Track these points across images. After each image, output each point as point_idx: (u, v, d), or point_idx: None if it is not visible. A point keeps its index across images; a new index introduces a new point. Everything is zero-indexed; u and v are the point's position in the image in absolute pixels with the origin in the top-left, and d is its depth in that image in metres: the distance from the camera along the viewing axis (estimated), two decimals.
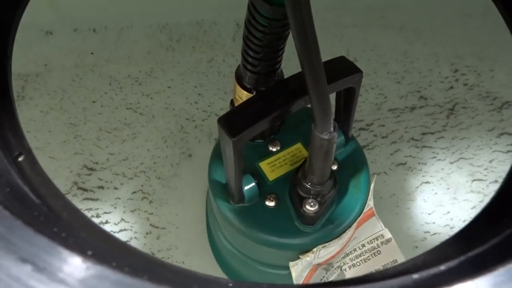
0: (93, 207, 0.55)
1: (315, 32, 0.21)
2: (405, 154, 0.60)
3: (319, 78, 0.23)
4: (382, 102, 0.64)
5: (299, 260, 0.36)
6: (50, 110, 0.62)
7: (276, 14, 0.26)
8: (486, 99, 0.64)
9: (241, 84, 0.34)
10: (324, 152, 0.29)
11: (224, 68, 0.67)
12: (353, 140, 0.39)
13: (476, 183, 0.58)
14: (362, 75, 0.31)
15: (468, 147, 0.61)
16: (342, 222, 0.35)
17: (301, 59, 0.22)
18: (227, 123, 0.29)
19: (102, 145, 0.60)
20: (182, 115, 0.62)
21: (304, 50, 0.22)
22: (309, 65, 0.22)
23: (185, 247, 0.53)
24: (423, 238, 0.55)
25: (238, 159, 0.30)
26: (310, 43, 0.21)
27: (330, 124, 0.27)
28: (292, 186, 0.35)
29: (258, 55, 0.30)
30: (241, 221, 0.35)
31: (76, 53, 0.67)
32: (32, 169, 0.18)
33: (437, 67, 0.67)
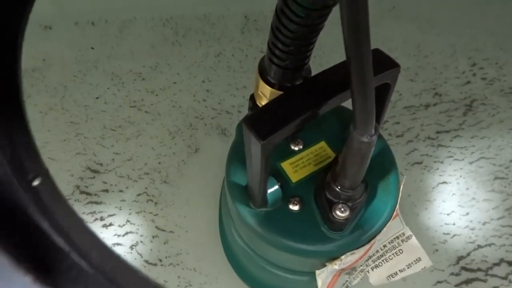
0: (97, 210, 0.53)
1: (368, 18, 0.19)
2: (421, 153, 0.58)
3: (368, 76, 0.21)
4: (396, 99, 0.61)
5: (325, 268, 0.33)
6: (49, 110, 0.59)
7: (316, 3, 0.23)
8: (510, 95, 0.62)
9: (265, 79, 0.31)
10: (361, 156, 0.26)
11: (234, 63, 0.64)
12: (381, 139, 0.36)
13: (498, 181, 0.56)
14: (399, 69, 0.28)
15: (489, 146, 0.58)
16: (372, 227, 0.33)
17: (350, 53, 0.20)
18: (254, 125, 0.26)
19: (106, 144, 0.57)
20: (190, 113, 0.59)
21: (355, 44, 0.19)
22: (358, 61, 0.20)
23: (196, 253, 0.50)
24: (444, 240, 0.52)
25: (265, 163, 0.27)
26: (363, 36, 0.19)
27: (372, 126, 0.24)
28: (319, 190, 0.32)
29: (287, 48, 0.27)
30: (264, 227, 0.33)
31: (77, 48, 0.64)
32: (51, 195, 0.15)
33: (454, 61, 0.65)
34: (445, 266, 0.50)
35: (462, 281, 0.49)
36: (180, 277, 0.49)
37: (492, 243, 0.52)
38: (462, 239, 0.52)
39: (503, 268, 0.50)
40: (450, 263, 0.50)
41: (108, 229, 0.51)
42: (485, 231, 0.53)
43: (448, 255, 0.51)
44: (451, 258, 0.51)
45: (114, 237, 0.51)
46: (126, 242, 0.51)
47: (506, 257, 0.51)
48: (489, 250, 0.51)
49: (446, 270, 0.50)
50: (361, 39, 0.20)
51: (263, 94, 0.32)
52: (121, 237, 0.51)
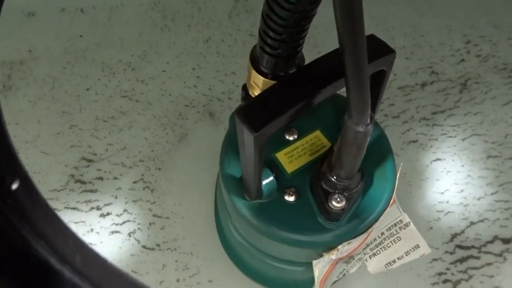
0: (92, 199, 0.52)
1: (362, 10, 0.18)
2: (416, 132, 0.58)
3: (362, 64, 0.20)
4: (391, 80, 0.61)
5: (322, 258, 0.33)
6: (38, 100, 0.58)
7: None
8: (503, 72, 0.61)
9: (257, 68, 0.30)
10: (357, 145, 0.26)
11: (223, 48, 0.63)
12: (377, 126, 0.36)
13: (491, 159, 0.56)
14: (395, 55, 0.28)
15: (481, 122, 0.58)
16: (369, 216, 0.33)
17: (343, 41, 0.19)
18: (247, 117, 0.25)
19: (100, 135, 0.56)
20: (180, 101, 0.59)
21: (348, 30, 0.19)
22: (353, 51, 0.19)
23: (192, 238, 0.51)
24: (437, 218, 0.53)
25: (259, 155, 0.27)
26: (357, 22, 0.18)
27: (367, 115, 0.24)
28: (315, 180, 0.32)
29: (280, 36, 0.26)
30: (259, 219, 0.33)
31: (65, 36, 0.62)
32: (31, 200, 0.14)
33: (449, 39, 0.64)
34: (440, 244, 0.51)
35: (457, 259, 0.50)
36: (177, 261, 0.49)
37: (486, 218, 0.53)
38: (456, 216, 0.53)
39: (497, 246, 0.51)
40: (444, 240, 0.51)
41: (106, 219, 0.51)
42: (479, 206, 0.53)
43: (442, 232, 0.52)
44: (445, 236, 0.51)
45: (112, 226, 0.51)
46: (124, 229, 0.51)
47: (499, 233, 0.52)
48: (482, 226, 0.52)
49: (440, 248, 0.51)
50: (355, 28, 0.19)
51: (256, 84, 0.31)
52: (119, 226, 0.51)
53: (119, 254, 0.49)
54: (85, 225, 0.51)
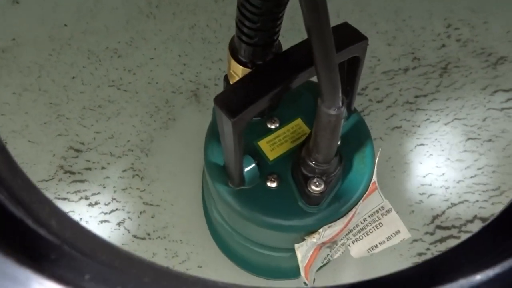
0: (81, 189, 0.53)
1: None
2: (400, 118, 0.59)
3: (329, 48, 0.21)
4: (375, 65, 0.62)
5: (304, 242, 0.35)
6: (24, 91, 0.58)
7: None
8: (481, 56, 0.63)
9: (235, 57, 0.31)
10: (331, 128, 0.27)
11: (209, 34, 0.63)
12: (356, 112, 0.37)
13: (470, 142, 0.58)
14: (367, 42, 0.29)
15: (462, 107, 0.60)
16: (348, 199, 0.34)
17: (309, 26, 0.20)
18: (225, 103, 0.26)
19: (87, 124, 0.56)
20: (167, 88, 0.59)
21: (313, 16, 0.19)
22: (318, 33, 0.20)
23: (182, 225, 0.52)
24: (419, 201, 0.54)
25: (238, 141, 0.28)
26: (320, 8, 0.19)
27: (338, 98, 0.25)
28: (295, 166, 0.33)
29: (255, 24, 0.27)
30: (242, 205, 0.34)
31: (50, 24, 0.62)
32: (7, 168, 0.15)
33: (430, 23, 0.65)
34: (420, 225, 0.53)
35: (437, 239, 0.52)
36: (167, 249, 0.51)
37: (465, 199, 0.54)
38: (437, 198, 0.55)
39: (476, 224, 0.53)
40: (425, 222, 0.53)
41: (94, 207, 0.52)
42: (459, 188, 0.55)
43: (423, 214, 0.53)
44: (426, 218, 0.53)
45: (100, 215, 0.52)
46: (113, 219, 0.52)
47: (479, 213, 0.54)
48: (462, 208, 0.54)
49: (421, 229, 0.52)
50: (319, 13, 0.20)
51: (235, 73, 0.32)
52: (107, 215, 0.52)
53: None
54: (74, 215, 0.52)
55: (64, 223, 0.17)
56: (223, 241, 0.47)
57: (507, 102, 0.60)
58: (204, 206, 0.51)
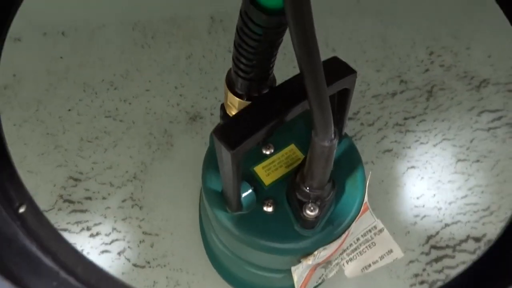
0: (83, 220, 0.54)
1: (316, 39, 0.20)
2: (390, 140, 0.61)
3: (321, 86, 0.23)
4: (366, 89, 0.64)
5: (300, 264, 0.36)
6: (24, 122, 0.59)
7: (271, 23, 0.25)
8: (464, 79, 0.65)
9: (232, 90, 0.33)
10: (325, 158, 0.28)
11: (205, 65, 0.65)
12: (347, 138, 0.39)
13: (460, 164, 0.59)
14: (356, 75, 0.30)
15: (449, 128, 0.62)
16: (342, 222, 0.35)
17: (302, 67, 0.22)
18: (224, 135, 0.28)
19: (85, 155, 0.58)
20: (164, 118, 0.61)
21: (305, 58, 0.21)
22: (310, 74, 0.22)
23: (181, 253, 0.52)
24: (414, 222, 0.56)
25: (237, 171, 0.29)
26: (312, 51, 0.21)
27: (331, 131, 0.26)
28: (290, 191, 0.34)
29: (251, 62, 0.29)
30: (240, 230, 0.35)
31: (48, 59, 0.64)
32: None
33: (414, 51, 0.68)
34: (416, 246, 0.54)
35: (432, 259, 0.53)
36: (168, 277, 0.51)
37: (458, 220, 0.56)
38: (431, 219, 0.56)
39: (470, 244, 0.54)
40: (420, 243, 0.54)
41: (95, 238, 0.53)
42: (451, 209, 0.56)
43: (418, 235, 0.54)
44: (421, 238, 0.54)
45: (101, 246, 0.52)
46: (113, 248, 0.52)
47: (471, 233, 0.55)
48: (456, 228, 0.55)
49: (416, 249, 0.53)
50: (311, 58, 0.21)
51: (232, 105, 0.34)
52: (108, 245, 0.52)
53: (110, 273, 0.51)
54: (76, 246, 0.52)
55: None
56: (221, 265, 0.48)
57: (493, 122, 0.62)
58: (202, 232, 0.51)
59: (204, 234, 0.51)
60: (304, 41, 0.20)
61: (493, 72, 0.66)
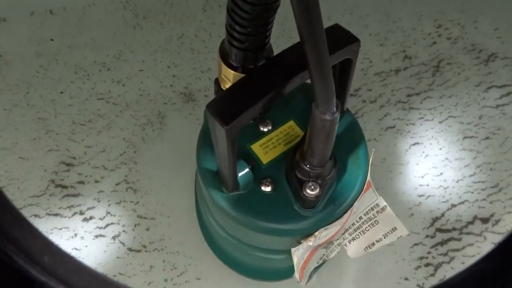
0: (75, 204, 0.52)
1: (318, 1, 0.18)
2: (393, 117, 0.59)
3: (323, 54, 0.21)
4: (368, 66, 0.61)
5: (300, 245, 0.34)
6: (14, 107, 0.57)
7: None
8: (472, 52, 0.63)
9: (226, 62, 0.30)
10: (326, 133, 0.26)
11: (197, 44, 0.62)
12: (348, 113, 0.36)
13: (468, 140, 0.57)
14: (359, 44, 0.28)
15: (456, 104, 0.59)
16: (343, 201, 0.33)
17: (302, 32, 0.19)
18: (217, 110, 0.26)
19: (77, 138, 0.56)
20: (158, 99, 0.58)
21: (306, 21, 0.19)
22: (311, 39, 0.20)
23: (178, 236, 0.51)
24: (418, 203, 0.54)
25: (232, 148, 0.27)
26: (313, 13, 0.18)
27: (333, 103, 0.24)
28: (289, 169, 0.32)
29: (245, 29, 0.26)
30: (237, 210, 0.33)
31: (36, 40, 0.62)
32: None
33: (420, 24, 0.65)
34: (420, 229, 0.52)
35: (438, 242, 0.51)
36: (165, 261, 0.49)
37: (465, 199, 0.54)
38: (436, 199, 0.54)
39: (477, 226, 0.52)
40: (425, 225, 0.52)
41: (89, 223, 0.51)
42: (458, 188, 0.54)
43: (423, 217, 0.53)
44: (425, 221, 0.52)
45: (96, 230, 0.51)
46: (108, 233, 0.51)
47: (479, 213, 0.53)
48: (462, 208, 0.53)
49: (421, 232, 0.52)
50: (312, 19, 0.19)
51: (227, 78, 0.32)
52: (102, 229, 0.51)
53: (105, 258, 0.49)
54: (68, 231, 0.51)
55: None
56: (219, 247, 0.47)
57: (502, 99, 0.60)
58: (198, 214, 0.50)
59: (200, 216, 0.49)
60: None
61: (501, 45, 0.63)
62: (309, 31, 0.20)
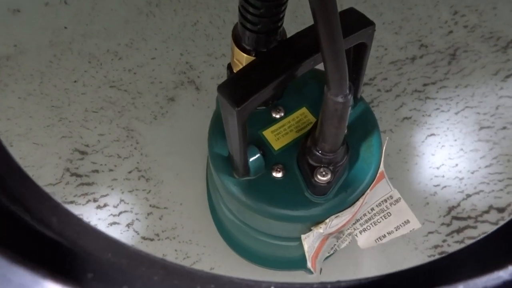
0: (89, 192, 0.53)
1: None
2: (409, 108, 0.57)
3: (336, 33, 0.20)
4: (383, 55, 0.60)
5: (310, 232, 0.34)
6: (28, 96, 0.58)
7: None
8: (490, 40, 0.61)
9: (239, 45, 0.30)
10: (338, 117, 0.26)
11: (212, 31, 0.62)
12: (362, 101, 0.36)
13: (484, 131, 0.56)
14: (374, 27, 0.27)
15: (473, 94, 0.58)
16: (355, 189, 0.33)
17: (315, 9, 0.19)
18: (229, 91, 0.25)
19: (90, 126, 0.56)
20: (170, 87, 0.58)
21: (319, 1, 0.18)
22: (324, 17, 0.19)
23: (191, 225, 0.51)
24: (434, 192, 0.53)
25: (242, 131, 0.27)
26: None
27: (345, 85, 0.24)
28: (301, 155, 0.32)
29: (258, 10, 0.26)
30: (248, 196, 0.33)
31: (50, 29, 0.62)
32: None
33: (437, 11, 0.63)
34: (436, 217, 0.51)
35: (453, 230, 0.50)
36: (177, 250, 0.50)
37: (481, 190, 0.53)
38: (452, 189, 0.53)
39: (493, 215, 0.51)
40: (440, 214, 0.51)
41: (103, 210, 0.52)
42: (474, 179, 0.53)
43: (438, 206, 0.52)
44: (441, 209, 0.52)
45: (109, 217, 0.51)
46: (122, 220, 0.51)
47: (495, 203, 0.52)
48: (478, 198, 0.52)
49: (436, 221, 0.51)
50: None
51: (239, 62, 0.31)
52: (116, 217, 0.51)
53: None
54: (83, 218, 0.51)
55: (66, 221, 0.16)
56: (231, 236, 0.46)
57: None
58: (209, 201, 0.50)
59: (212, 204, 0.49)
60: None
61: None
62: (322, 7, 0.19)
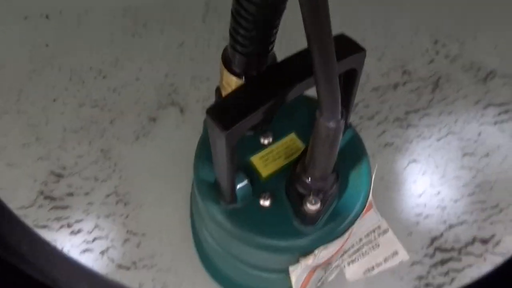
0: (63, 216, 0.50)
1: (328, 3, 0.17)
2: (391, 134, 0.58)
3: (330, 57, 0.20)
4: (365, 82, 0.61)
5: (298, 264, 0.32)
6: (3, 114, 0.55)
7: None
8: (470, 71, 0.63)
9: (229, 68, 0.29)
10: (330, 142, 0.25)
11: (196, 54, 0.62)
12: (351, 128, 0.35)
13: (467, 158, 0.56)
14: (365, 54, 0.27)
15: (456, 121, 0.59)
16: (345, 218, 0.32)
17: (310, 33, 0.19)
18: (218, 114, 0.25)
19: (68, 147, 0.54)
20: (153, 108, 0.57)
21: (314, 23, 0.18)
22: (319, 42, 0.19)
23: (170, 253, 0.49)
24: (416, 222, 0.52)
25: (231, 156, 0.26)
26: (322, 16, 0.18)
27: (338, 110, 0.23)
28: (290, 183, 0.31)
29: (249, 33, 0.26)
30: (234, 224, 0.31)
31: (29, 45, 0.60)
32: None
33: (418, 39, 0.65)
34: (419, 248, 0.50)
35: (437, 261, 0.50)
36: (155, 279, 0.47)
37: (464, 220, 0.53)
38: (434, 219, 0.53)
39: (477, 247, 0.51)
40: (423, 244, 0.51)
41: (77, 236, 0.49)
42: (457, 208, 0.53)
43: (421, 236, 0.51)
44: (424, 240, 0.51)
45: (83, 244, 0.49)
46: (96, 247, 0.48)
47: (478, 234, 0.52)
48: (461, 229, 0.52)
49: (419, 252, 0.50)
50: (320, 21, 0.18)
51: (228, 85, 0.31)
52: (90, 243, 0.49)
53: None
54: (55, 244, 0.48)
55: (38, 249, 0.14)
56: (214, 265, 0.45)
57: (500, 116, 0.59)
58: (193, 230, 0.48)
59: (195, 231, 0.47)
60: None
61: (500, 63, 0.63)
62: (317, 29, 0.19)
